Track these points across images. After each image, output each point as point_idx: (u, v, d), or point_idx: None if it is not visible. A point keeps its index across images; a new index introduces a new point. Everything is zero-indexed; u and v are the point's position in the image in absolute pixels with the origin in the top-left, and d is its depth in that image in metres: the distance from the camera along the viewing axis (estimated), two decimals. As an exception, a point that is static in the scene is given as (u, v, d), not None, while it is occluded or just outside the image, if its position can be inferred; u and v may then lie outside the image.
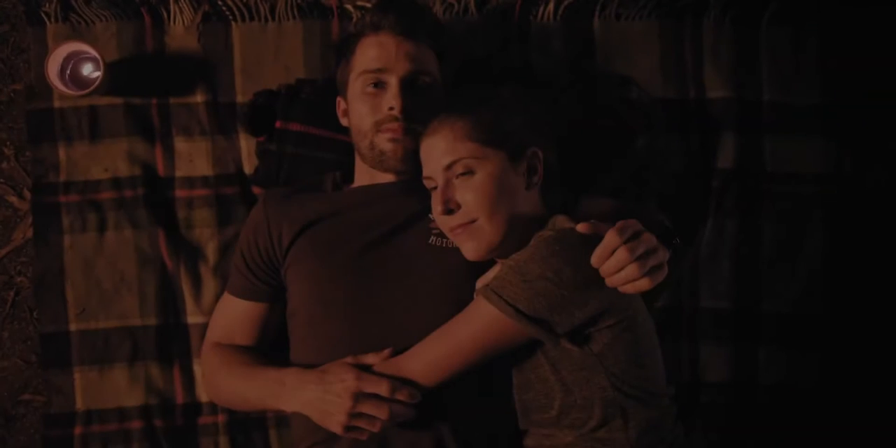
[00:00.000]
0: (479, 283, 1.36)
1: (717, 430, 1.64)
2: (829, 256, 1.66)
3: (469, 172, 1.29)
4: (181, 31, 1.68)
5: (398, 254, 1.43)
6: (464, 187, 1.29)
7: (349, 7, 1.68)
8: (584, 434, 1.28)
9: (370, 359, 1.32)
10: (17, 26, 1.69)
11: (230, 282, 1.55)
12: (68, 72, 1.64)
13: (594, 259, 1.16)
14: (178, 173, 1.67)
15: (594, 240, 1.18)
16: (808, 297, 1.65)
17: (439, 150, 1.31)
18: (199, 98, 1.67)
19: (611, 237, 1.15)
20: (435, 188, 1.33)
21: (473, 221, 1.29)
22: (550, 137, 1.39)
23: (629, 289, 1.16)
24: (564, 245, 1.20)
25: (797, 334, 1.65)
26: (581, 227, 1.20)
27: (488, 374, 1.32)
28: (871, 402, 1.65)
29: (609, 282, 1.17)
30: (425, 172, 1.35)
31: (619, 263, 1.15)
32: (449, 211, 1.30)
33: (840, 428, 1.64)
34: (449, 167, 1.30)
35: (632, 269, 1.14)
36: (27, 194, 1.68)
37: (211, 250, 1.66)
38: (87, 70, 1.64)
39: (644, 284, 1.15)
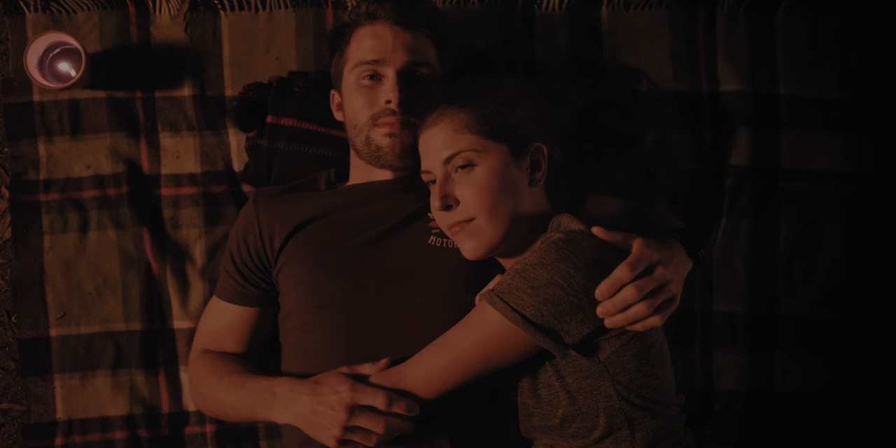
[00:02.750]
0: (479, 298, 1.33)
1: (731, 439, 1.63)
2: (848, 257, 1.65)
3: (469, 165, 1.27)
4: (167, 21, 1.66)
5: (396, 254, 1.40)
6: (463, 182, 1.27)
7: (344, -5, 1.68)
8: (588, 445, 1.25)
9: (366, 369, 1.30)
10: (-5, 16, 1.68)
11: (219, 285, 1.53)
12: (48, 64, 1.61)
13: (599, 292, 1.14)
14: (164, 170, 1.66)
15: (607, 244, 1.18)
16: (826, 300, 1.64)
17: (438, 143, 1.29)
18: (186, 91, 1.66)
19: (621, 271, 1.14)
20: (433, 182, 1.31)
21: (472, 220, 1.26)
22: (555, 132, 1.36)
23: (637, 327, 1.16)
24: (575, 249, 1.17)
25: (815, 339, 1.64)
26: (596, 231, 1.19)
27: (490, 382, 1.29)
28: (894, 410, 1.62)
29: (610, 322, 1.15)
30: (424, 166, 1.34)
31: (623, 302, 1.13)
32: (447, 206, 1.28)
33: (860, 437, 1.62)
34: (448, 160, 1.28)
35: (639, 308, 1.14)
36: (5, 193, 1.66)
37: (198, 252, 1.64)
38: (69, 62, 1.62)
39: (654, 321, 1.16)
